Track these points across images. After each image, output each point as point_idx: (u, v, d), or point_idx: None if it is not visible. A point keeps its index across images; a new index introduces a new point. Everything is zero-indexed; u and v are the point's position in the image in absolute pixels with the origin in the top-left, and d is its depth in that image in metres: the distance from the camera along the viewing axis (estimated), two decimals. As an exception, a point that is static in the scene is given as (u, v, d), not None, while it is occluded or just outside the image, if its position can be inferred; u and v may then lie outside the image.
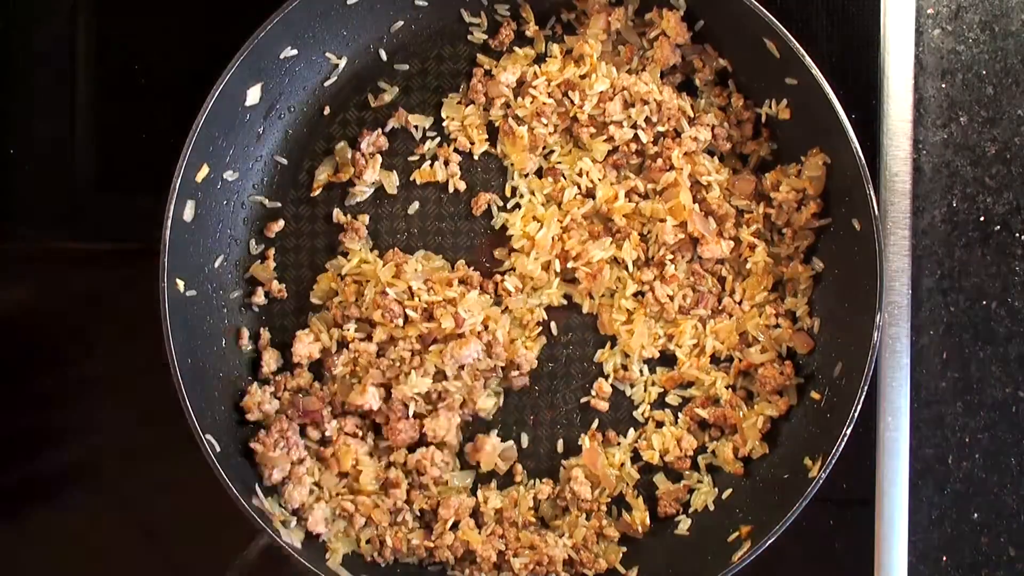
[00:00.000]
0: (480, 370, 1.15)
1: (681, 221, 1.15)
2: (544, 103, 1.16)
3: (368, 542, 1.15)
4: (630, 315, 1.18)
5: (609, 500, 1.17)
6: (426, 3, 1.18)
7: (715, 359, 1.17)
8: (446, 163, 1.20)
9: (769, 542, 1.05)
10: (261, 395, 1.15)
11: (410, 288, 1.15)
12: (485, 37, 1.20)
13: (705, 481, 1.16)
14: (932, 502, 1.22)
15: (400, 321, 1.14)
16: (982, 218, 1.23)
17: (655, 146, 1.16)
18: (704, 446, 1.17)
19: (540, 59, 1.19)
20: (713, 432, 1.17)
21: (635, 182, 1.17)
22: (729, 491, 1.15)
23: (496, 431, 1.18)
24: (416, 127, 1.20)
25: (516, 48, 1.19)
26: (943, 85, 1.23)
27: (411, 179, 1.20)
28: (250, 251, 1.18)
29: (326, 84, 1.19)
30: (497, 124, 1.19)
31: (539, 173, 1.19)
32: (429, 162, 1.20)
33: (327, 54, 1.17)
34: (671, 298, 1.16)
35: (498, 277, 1.18)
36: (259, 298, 1.18)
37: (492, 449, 1.16)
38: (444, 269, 1.18)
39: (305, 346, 1.16)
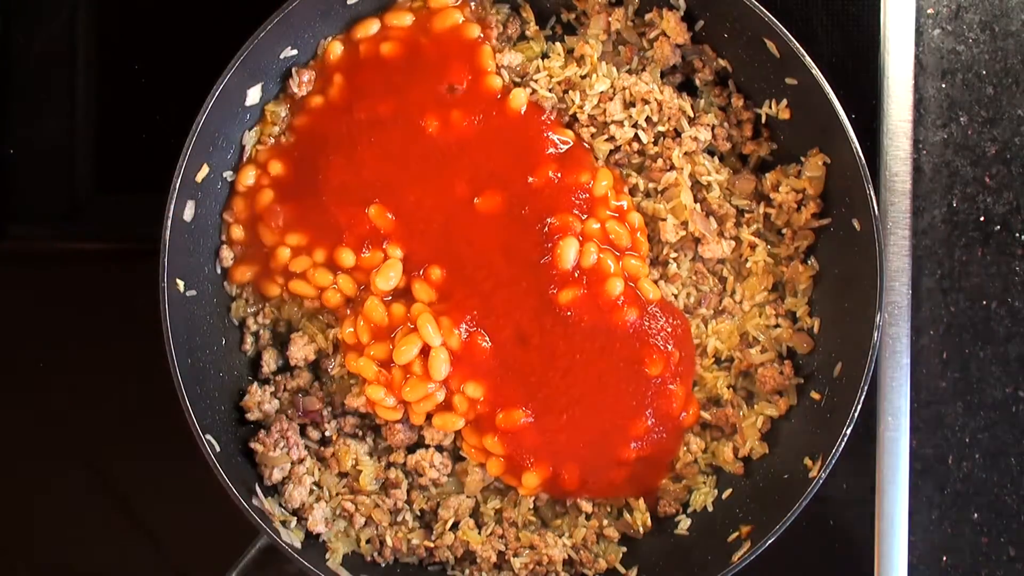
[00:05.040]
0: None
1: (682, 221, 1.15)
2: (544, 96, 1.16)
3: (368, 542, 1.15)
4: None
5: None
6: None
7: (716, 359, 1.17)
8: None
9: (769, 542, 1.05)
10: (261, 395, 1.15)
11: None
12: (485, 37, 1.20)
13: (705, 481, 1.16)
14: (932, 502, 1.22)
15: None
16: (982, 218, 1.23)
17: (655, 146, 1.16)
18: (704, 446, 1.17)
19: (541, 59, 1.19)
20: (713, 432, 1.17)
21: (636, 180, 1.17)
22: (729, 491, 1.15)
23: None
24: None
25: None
26: (943, 85, 1.23)
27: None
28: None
29: (326, 84, 1.19)
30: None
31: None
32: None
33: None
34: (676, 297, 1.16)
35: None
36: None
37: (481, 479, 1.16)
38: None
39: (300, 348, 1.16)
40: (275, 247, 1.14)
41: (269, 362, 1.17)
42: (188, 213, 1.10)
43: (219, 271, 1.15)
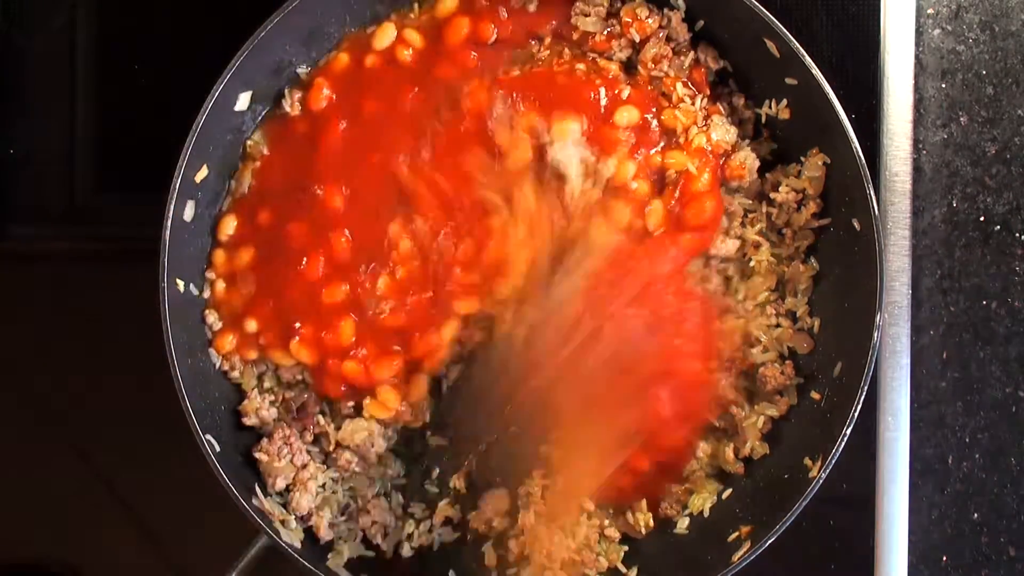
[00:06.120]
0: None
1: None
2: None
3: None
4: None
5: (610, 500, 1.17)
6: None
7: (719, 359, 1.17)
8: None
9: (769, 542, 1.05)
10: (259, 402, 1.14)
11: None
12: (485, 37, 1.20)
13: (708, 485, 1.16)
14: (932, 502, 1.22)
15: None
16: (982, 218, 1.23)
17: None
18: (711, 450, 1.17)
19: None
20: (717, 433, 1.17)
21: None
22: (729, 491, 1.15)
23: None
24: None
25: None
26: (943, 85, 1.23)
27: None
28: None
29: (326, 84, 1.19)
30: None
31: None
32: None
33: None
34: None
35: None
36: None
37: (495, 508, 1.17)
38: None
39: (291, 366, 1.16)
40: (243, 317, 1.12)
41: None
42: (188, 213, 1.10)
43: (208, 336, 1.14)
